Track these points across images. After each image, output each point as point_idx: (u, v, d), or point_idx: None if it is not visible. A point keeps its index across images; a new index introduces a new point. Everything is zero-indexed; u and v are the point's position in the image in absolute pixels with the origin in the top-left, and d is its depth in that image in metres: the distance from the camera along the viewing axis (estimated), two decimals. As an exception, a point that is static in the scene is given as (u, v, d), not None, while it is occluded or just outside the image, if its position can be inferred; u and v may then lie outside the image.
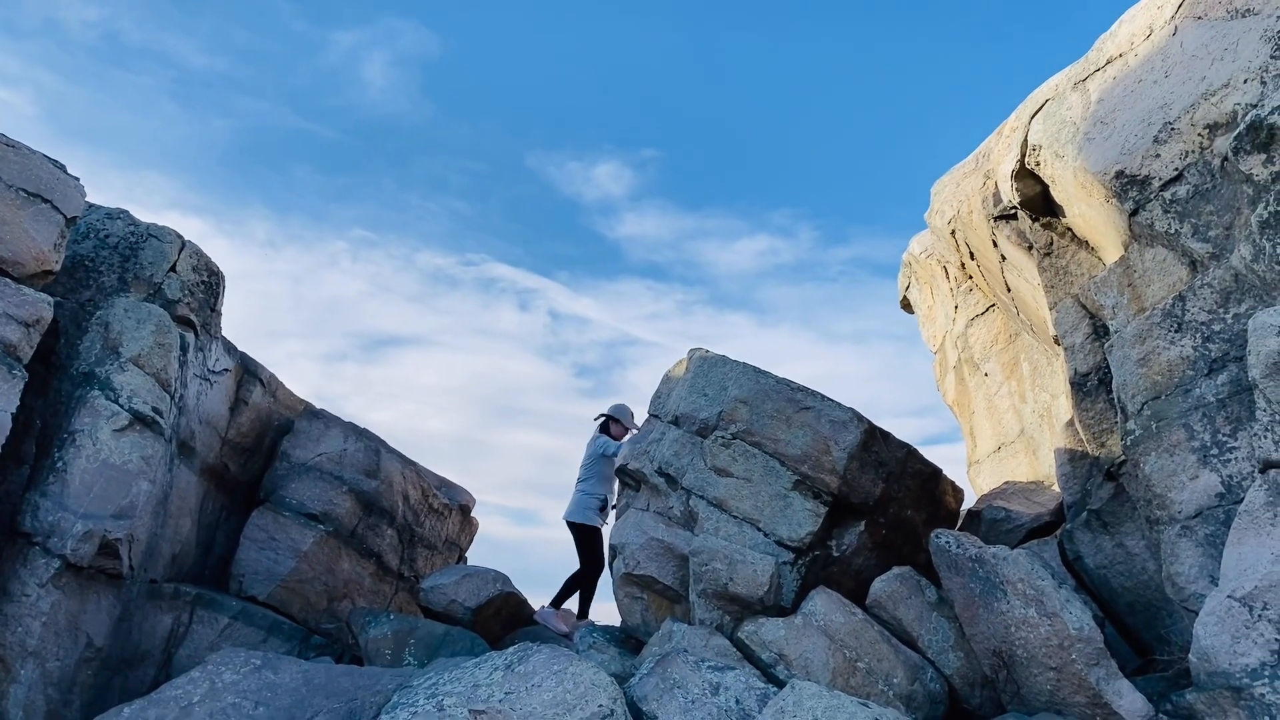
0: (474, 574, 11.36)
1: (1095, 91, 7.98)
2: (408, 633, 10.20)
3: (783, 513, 8.52)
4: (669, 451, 9.28)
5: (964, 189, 10.95)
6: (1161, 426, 7.16)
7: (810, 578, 8.48)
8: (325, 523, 12.08)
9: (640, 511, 9.47)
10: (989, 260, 10.91)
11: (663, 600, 9.06)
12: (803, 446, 8.73)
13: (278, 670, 7.35)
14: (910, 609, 7.91)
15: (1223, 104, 6.69)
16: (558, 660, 5.80)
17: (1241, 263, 6.46)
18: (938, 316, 15.17)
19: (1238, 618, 5.78)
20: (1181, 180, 6.99)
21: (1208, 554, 6.85)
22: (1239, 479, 6.67)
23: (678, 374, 10.20)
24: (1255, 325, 5.98)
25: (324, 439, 12.70)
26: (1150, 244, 7.37)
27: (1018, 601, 6.81)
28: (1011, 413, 12.51)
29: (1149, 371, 7.26)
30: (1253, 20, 6.70)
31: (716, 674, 5.99)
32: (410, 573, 13.45)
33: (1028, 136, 8.59)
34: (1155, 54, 7.48)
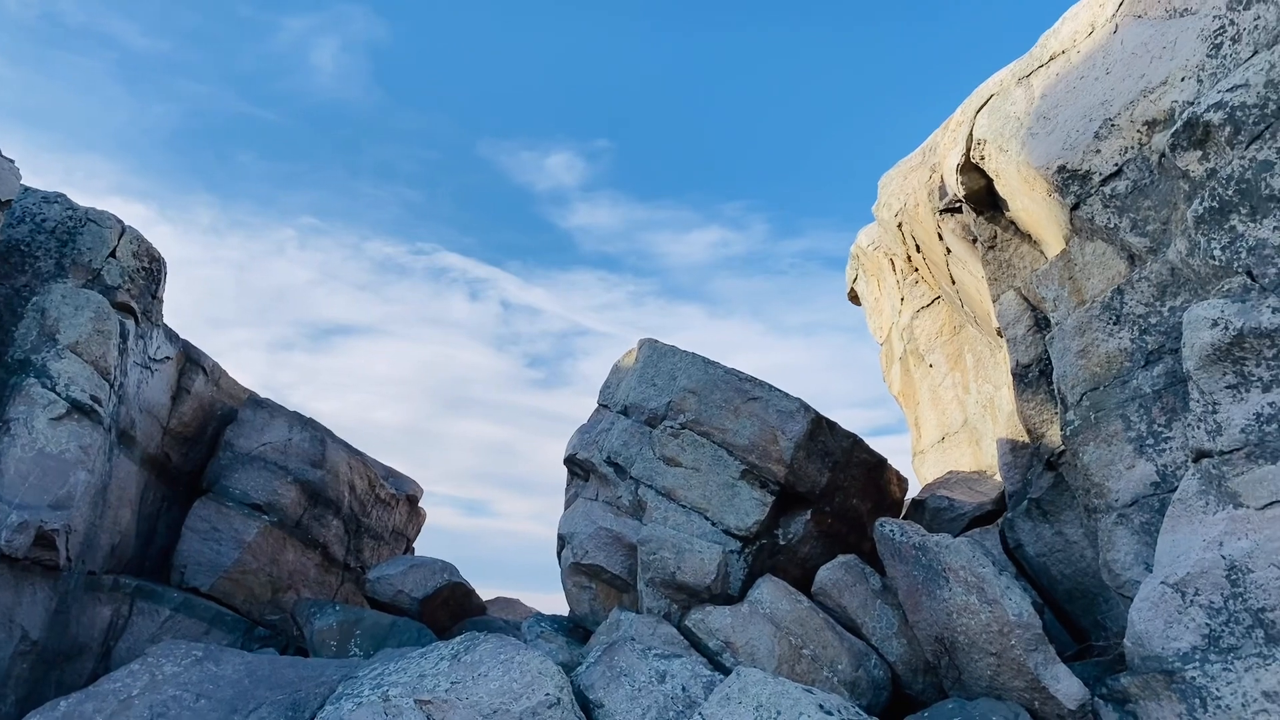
0: (421, 564, 11.31)
1: (1039, 87, 8.11)
2: (354, 623, 10.13)
3: (730, 502, 8.58)
4: (618, 441, 9.29)
5: (911, 182, 11.07)
6: (1100, 417, 7.31)
7: (757, 566, 8.55)
8: (270, 513, 11.94)
9: (589, 501, 9.48)
10: (934, 253, 11.05)
11: (611, 589, 9.08)
12: (750, 436, 8.79)
13: (220, 662, 7.25)
14: (855, 596, 8.01)
15: (1161, 101, 6.84)
16: (504, 650, 5.79)
17: (1178, 257, 6.61)
18: (884, 308, 15.34)
19: (1171, 603, 5.93)
20: (1121, 175, 7.13)
21: (1143, 541, 7.01)
22: (1173, 468, 6.84)
23: (627, 364, 10.21)
24: (1190, 318, 6.13)
25: (268, 428, 12.55)
26: (1090, 238, 7.51)
27: (959, 589, 6.92)
28: (955, 403, 12.70)
29: (1088, 363, 7.41)
30: (1190, 20, 6.84)
31: (663, 662, 6.01)
32: (357, 563, 13.35)
33: (973, 131, 8.70)
34: (1097, 51, 7.62)
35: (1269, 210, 5.80)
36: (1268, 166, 5.79)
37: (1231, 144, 6.01)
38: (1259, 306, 5.78)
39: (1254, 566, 5.61)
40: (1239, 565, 5.67)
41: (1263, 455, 5.76)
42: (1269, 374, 5.78)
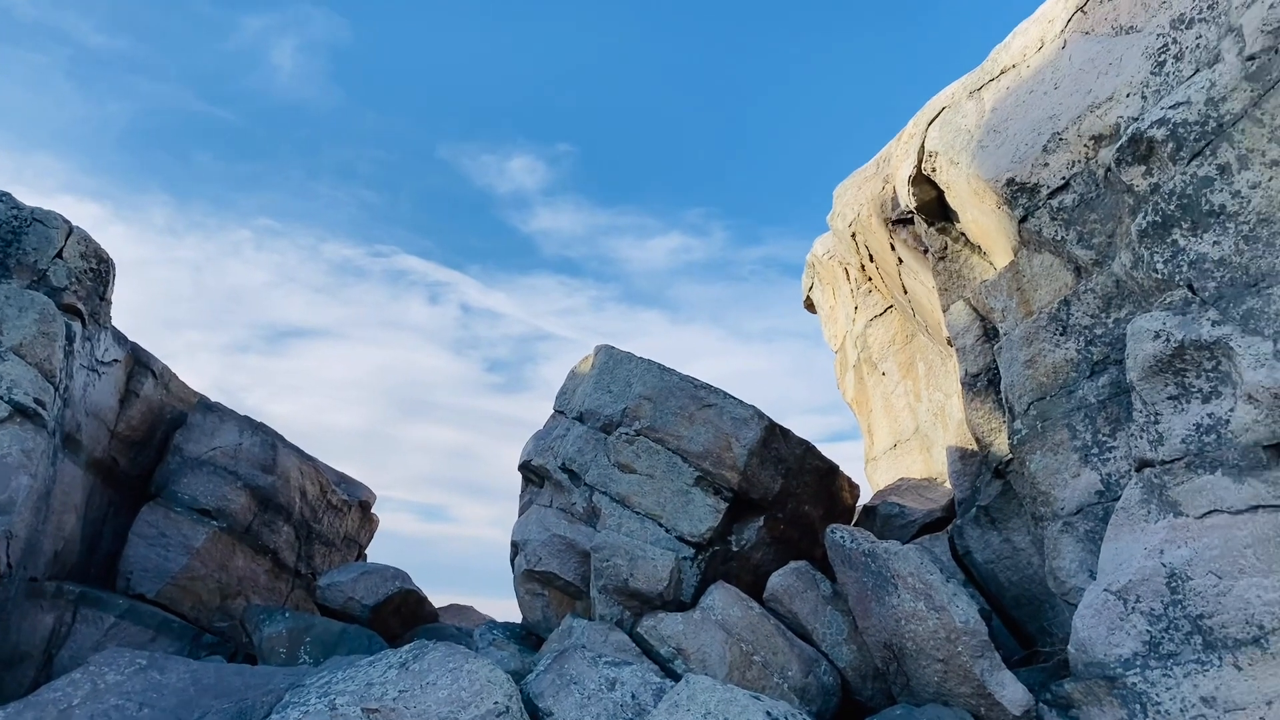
0: (372, 571, 11.21)
1: (989, 100, 8.23)
2: (303, 631, 10.00)
3: (684, 509, 8.60)
4: (573, 448, 9.29)
5: (865, 193, 11.18)
6: (1046, 426, 7.43)
7: (710, 573, 8.58)
8: (219, 519, 11.78)
9: (543, 508, 9.46)
10: (887, 263, 11.16)
11: (564, 596, 9.06)
12: (705, 443, 8.82)
13: (164, 670, 7.13)
14: (806, 603, 8.06)
15: (1107, 116, 6.97)
16: (453, 658, 5.76)
17: (1122, 269, 6.74)
18: (839, 316, 15.48)
19: (1113, 610, 6.03)
20: (1068, 189, 7.25)
21: (1088, 549, 7.13)
22: (1117, 477, 6.96)
23: (584, 370, 10.21)
24: (1133, 330, 6.25)
25: (218, 433, 12.38)
26: (1038, 250, 7.63)
27: (908, 595, 6.99)
28: (907, 411, 12.83)
29: (1035, 373, 7.53)
30: (1136, 37, 6.98)
31: (613, 669, 6.01)
32: (307, 570, 13.20)
33: (925, 143, 8.81)
34: (1046, 66, 7.75)
35: (1209, 225, 5.94)
36: (1208, 183, 5.93)
37: (1174, 160, 6.14)
38: (1199, 319, 5.91)
39: (1193, 574, 5.72)
40: (1179, 573, 5.78)
41: (1202, 465, 5.88)
42: (1208, 385, 5.91)
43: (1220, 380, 5.88)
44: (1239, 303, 5.76)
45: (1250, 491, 5.64)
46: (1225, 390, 5.85)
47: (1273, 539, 5.47)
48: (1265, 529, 5.52)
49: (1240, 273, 5.79)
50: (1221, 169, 5.89)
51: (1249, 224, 5.75)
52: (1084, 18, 7.54)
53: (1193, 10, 6.50)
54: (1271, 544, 5.47)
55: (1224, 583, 5.61)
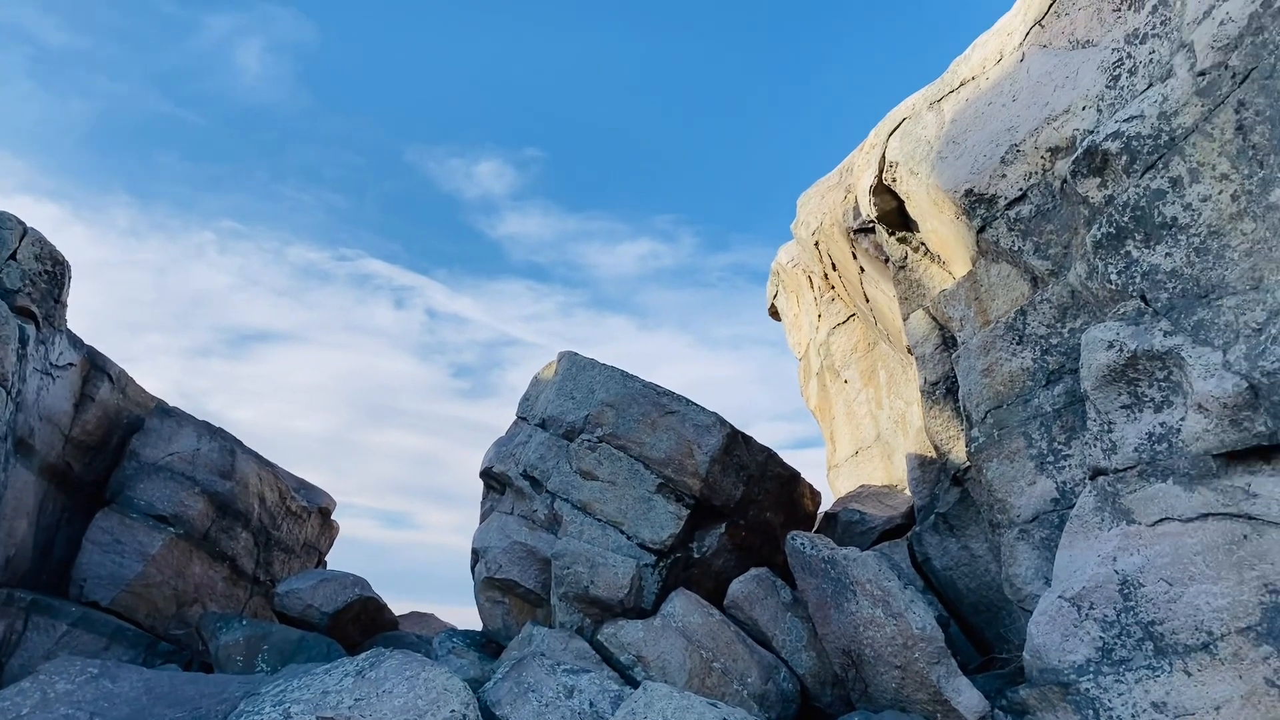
0: (332, 578, 11.11)
1: (949, 112, 8.32)
2: (261, 638, 9.90)
3: (646, 515, 8.60)
4: (535, 454, 9.26)
5: (827, 202, 11.26)
6: (1003, 434, 7.51)
7: (671, 579, 8.59)
8: (176, 525, 11.63)
9: (504, 515, 9.42)
10: (849, 271, 11.24)
11: (525, 604, 9.03)
12: (667, 450, 8.83)
13: (116, 679, 7.02)
14: (766, 609, 8.09)
15: (1063, 129, 7.06)
16: (410, 666, 5.72)
17: (1077, 280, 6.83)
18: (803, 324, 15.56)
19: (1067, 617, 6.10)
20: (1025, 200, 7.34)
21: (1043, 556, 7.21)
22: (1072, 485, 7.05)
23: (547, 376, 10.19)
24: (1087, 340, 6.33)
25: (176, 438, 12.23)
26: (996, 260, 7.72)
27: (866, 602, 7.04)
28: (869, 418, 12.92)
29: (992, 382, 7.61)
30: (1092, 51, 7.09)
31: (571, 677, 6.00)
32: (266, 577, 13.05)
33: (885, 153, 8.89)
34: (1004, 78, 7.84)
35: (1161, 237, 6.03)
36: (1160, 195, 6.02)
37: (1128, 172, 6.23)
38: (1152, 329, 6.00)
39: (1145, 581, 5.80)
40: (1131, 580, 5.86)
41: (1154, 473, 5.97)
42: (1160, 395, 6.00)
43: (1172, 390, 5.97)
44: (1190, 313, 5.85)
45: (1200, 500, 5.73)
46: (1177, 400, 5.94)
47: (1222, 546, 5.56)
48: (1214, 537, 5.61)
49: (1191, 284, 5.88)
50: (1173, 182, 5.98)
51: (1200, 236, 5.85)
52: (1042, 31, 7.64)
53: (1146, 26, 6.61)
54: (1220, 551, 5.56)
55: (1174, 589, 5.69)
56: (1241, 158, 5.64)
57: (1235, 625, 5.45)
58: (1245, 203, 5.63)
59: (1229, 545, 5.54)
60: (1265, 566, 5.41)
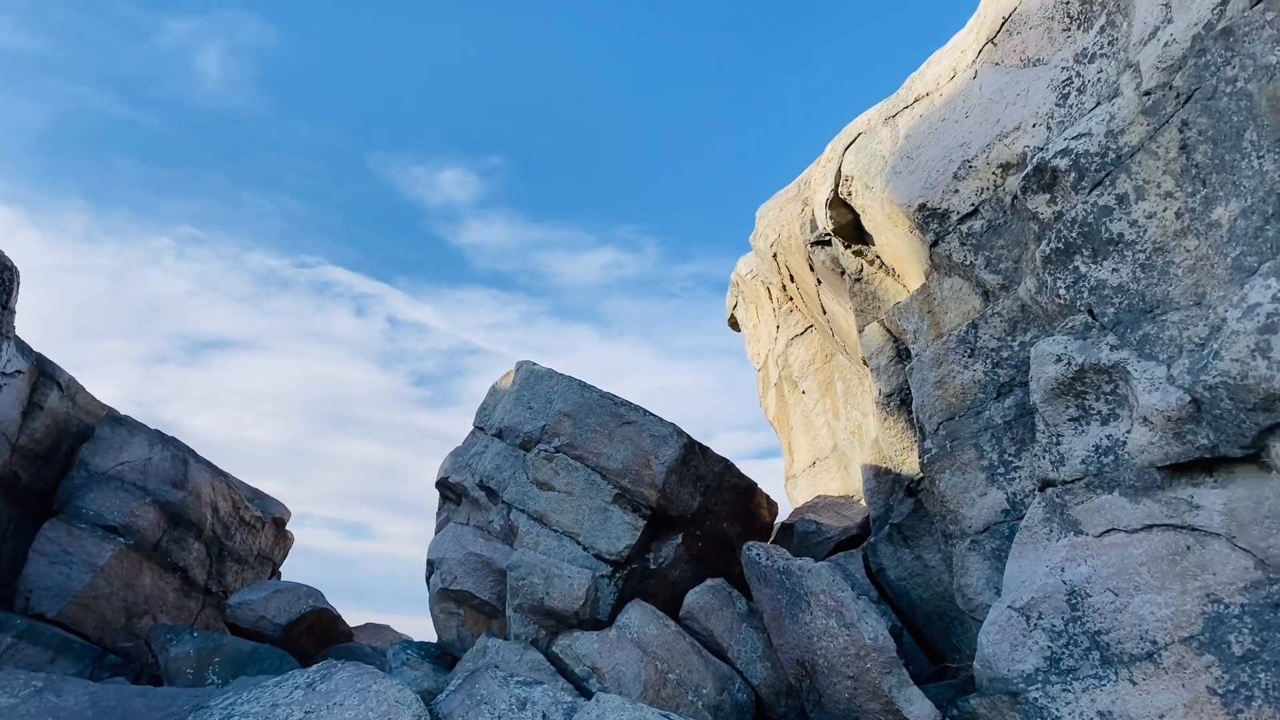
0: (285, 589, 10.99)
1: (904, 127, 8.42)
2: (212, 651, 9.77)
3: (602, 526, 8.60)
4: (491, 465, 9.23)
5: (786, 214, 11.35)
6: (955, 446, 7.60)
7: (628, 590, 8.58)
8: (126, 535, 11.45)
9: (460, 526, 9.38)
10: (807, 283, 11.33)
11: (480, 615, 8.98)
12: (624, 460, 8.84)
13: (61, 693, 6.88)
14: (721, 620, 8.11)
15: (1014, 145, 7.18)
16: (361, 678, 5.67)
17: (1027, 294, 6.94)
18: (761, 335, 15.65)
19: (1016, 627, 6.18)
20: (977, 215, 7.45)
21: (994, 567, 7.30)
22: (1022, 496, 7.14)
23: (504, 386, 10.16)
24: (1036, 353, 6.43)
25: (127, 447, 12.05)
26: (948, 273, 7.82)
27: (820, 612, 7.08)
28: (826, 429, 13.01)
29: (944, 394, 7.70)
30: (1042, 69, 7.21)
31: (525, 689, 5.97)
32: (218, 588, 12.89)
33: (841, 167, 8.98)
34: (958, 95, 7.96)
35: (1108, 253, 6.14)
36: (1107, 212, 6.13)
37: (1076, 189, 6.34)
38: (1099, 344, 6.10)
39: (1092, 591, 5.89)
40: (1079, 590, 5.95)
41: (1100, 485, 6.07)
42: (1106, 408, 6.11)
43: (1118, 403, 6.08)
44: (1136, 328, 5.96)
45: (1145, 511, 5.83)
46: (1123, 413, 6.05)
47: (1165, 557, 5.66)
48: (1159, 547, 5.71)
49: (1137, 299, 5.99)
50: (1120, 199, 6.10)
51: (1145, 252, 5.97)
52: (994, 49, 7.76)
53: (1095, 46, 6.74)
54: (1164, 561, 5.66)
55: (1120, 599, 5.78)
56: (1185, 176, 5.76)
57: (1178, 635, 5.54)
58: (1189, 220, 5.75)
59: (1172, 556, 5.64)
60: (1207, 577, 5.51)
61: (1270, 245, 5.19)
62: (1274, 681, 5.24)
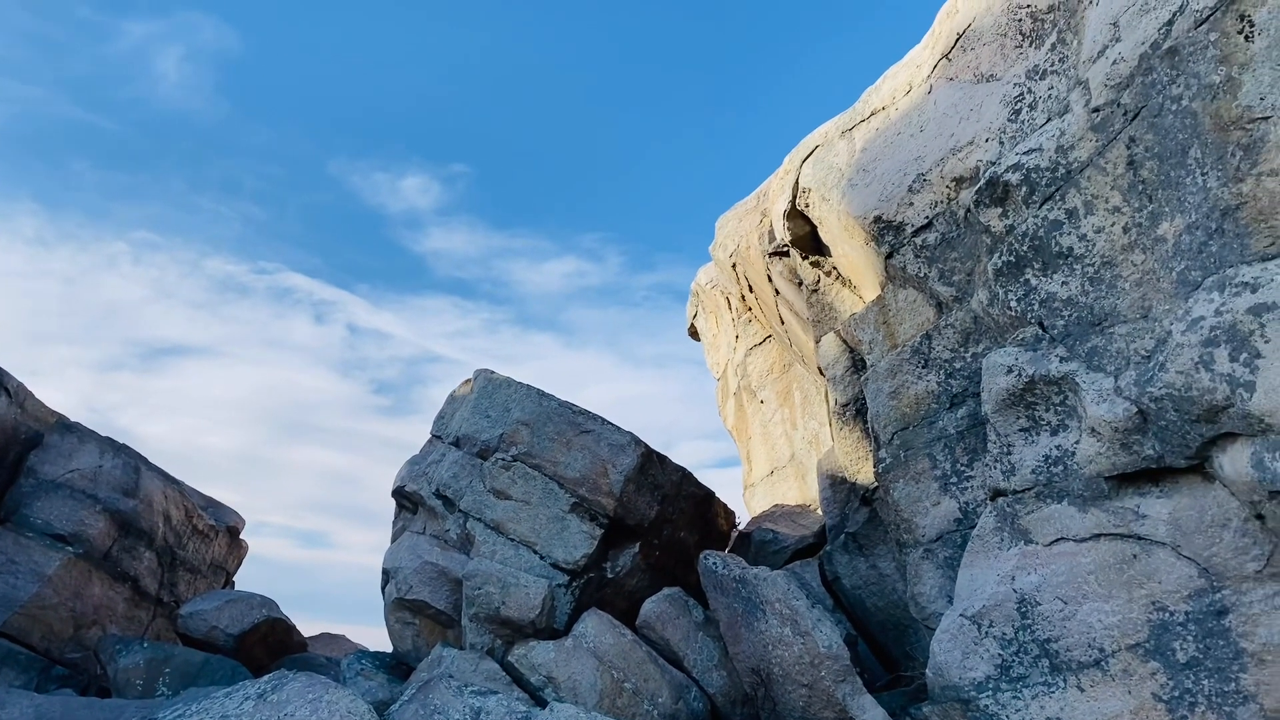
0: (239, 599, 10.85)
1: (860, 140, 8.51)
2: (162, 661, 9.62)
3: (559, 535, 8.58)
4: (448, 473, 9.18)
5: (745, 225, 11.42)
6: (909, 455, 7.68)
7: (585, 599, 8.57)
8: (75, 544, 11.25)
9: (416, 535, 9.32)
10: (765, 293, 11.40)
11: (436, 625, 8.93)
12: (582, 469, 8.84)
13: (4, 705, 6.76)
14: (678, 629, 8.12)
15: (968, 160, 7.29)
16: (314, 688, 5.61)
17: (979, 306, 7.04)
18: (721, 345, 15.72)
19: (968, 635, 6.25)
20: (931, 228, 7.55)
21: (947, 575, 7.38)
22: (974, 505, 7.23)
23: (462, 394, 10.12)
24: (988, 364, 6.52)
25: (77, 454, 11.85)
26: (903, 285, 7.91)
27: (775, 621, 7.12)
28: (784, 439, 13.08)
29: (899, 404, 7.78)
30: (995, 85, 7.33)
31: (479, 699, 5.95)
32: (170, 598, 12.69)
33: (799, 179, 9.05)
34: (913, 109, 8.06)
35: (1058, 266, 6.25)
36: (1057, 226, 6.24)
37: (1027, 203, 6.44)
38: (1049, 355, 6.20)
39: (1041, 599, 5.98)
40: (1029, 598, 6.03)
41: (1050, 495, 6.16)
42: (1056, 419, 6.20)
43: (1067, 414, 6.18)
44: (1084, 340, 6.07)
45: (1093, 520, 5.93)
46: (1072, 423, 6.15)
47: (1113, 565, 5.75)
48: (1106, 556, 5.80)
49: (1086, 312, 6.10)
50: (1069, 213, 6.20)
51: (1094, 266, 6.07)
52: (949, 65, 7.87)
53: (1046, 63, 6.86)
54: (1112, 570, 5.75)
55: (1069, 607, 5.87)
56: (1132, 191, 5.88)
57: (1125, 642, 5.64)
58: (1135, 235, 5.86)
59: (1119, 564, 5.74)
60: (1153, 585, 5.61)
61: (1213, 260, 5.31)
62: (1217, 688, 5.35)
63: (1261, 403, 4.88)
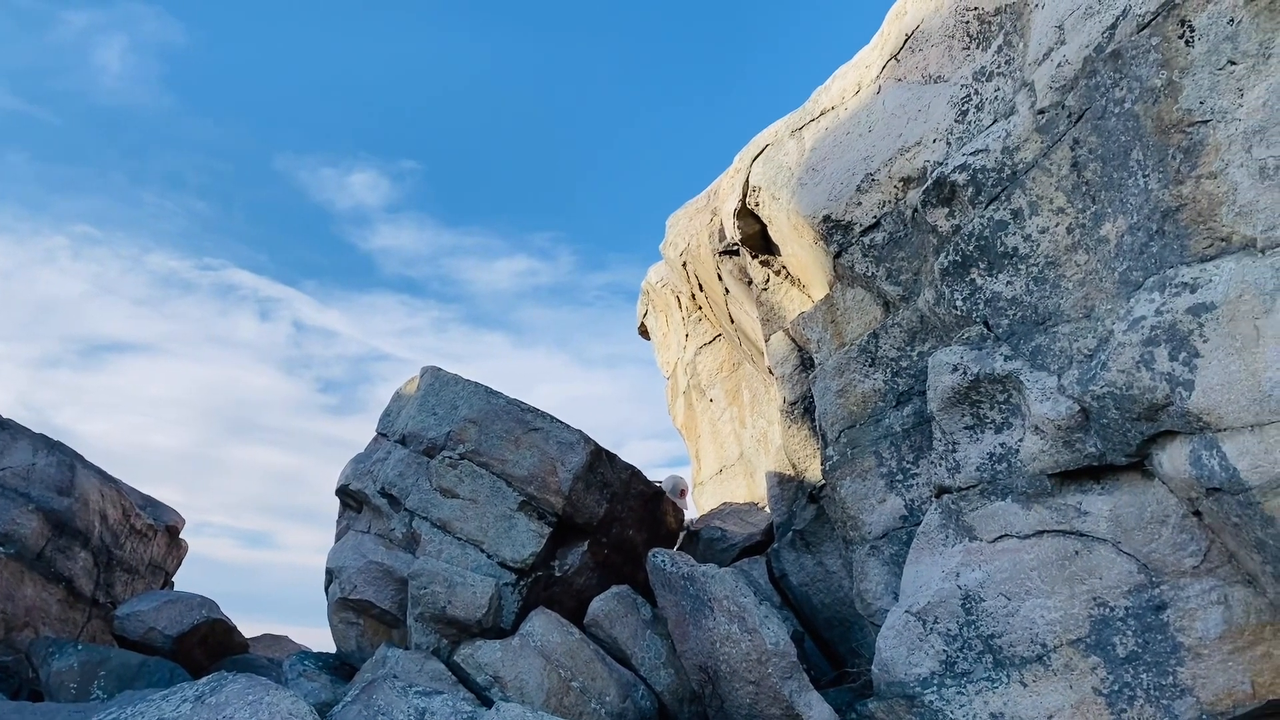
0: (177, 600, 10.63)
1: (810, 140, 8.55)
2: (98, 664, 9.38)
3: (507, 534, 8.51)
4: (393, 472, 9.06)
5: (695, 223, 11.42)
6: (856, 453, 7.72)
7: (532, 598, 8.51)
8: (6, 544, 10.94)
9: (360, 534, 9.19)
10: (715, 292, 11.42)
11: (380, 625, 8.81)
12: (530, 467, 8.77)
13: (-70, 712, 6.54)
14: (626, 627, 8.09)
15: (915, 160, 7.34)
16: (254, 690, 5.49)
17: (926, 305, 7.09)
18: (671, 343, 15.72)
19: (913, 631, 6.29)
20: (879, 227, 7.59)
21: (892, 572, 7.43)
22: (920, 503, 7.29)
23: (409, 392, 10.00)
24: (933, 363, 6.58)
25: (9, 452, 11.53)
26: (851, 284, 7.95)
27: (723, 618, 7.11)
28: (733, 437, 13.12)
29: (846, 402, 7.82)
30: (943, 87, 7.39)
31: (423, 699, 5.86)
32: (106, 599, 12.39)
33: (749, 178, 9.07)
34: (862, 110, 8.11)
35: (1003, 266, 6.31)
36: (1003, 226, 6.31)
37: (973, 203, 6.51)
38: (993, 354, 6.27)
39: (985, 595, 6.04)
40: (973, 594, 6.09)
41: (994, 492, 6.23)
42: (1000, 417, 6.27)
43: (1011, 412, 6.25)
44: (1029, 339, 6.14)
45: (1036, 517, 6.00)
46: (1016, 421, 6.22)
47: (1055, 562, 5.83)
48: (1049, 552, 5.88)
49: (1030, 311, 6.17)
50: (1015, 214, 6.27)
51: (1038, 266, 6.15)
52: (897, 65, 7.93)
53: (992, 65, 6.93)
54: (1054, 566, 5.83)
55: (1012, 603, 5.94)
56: (1076, 193, 5.95)
57: (1067, 637, 5.71)
58: (1079, 235, 5.94)
59: (1061, 561, 5.81)
60: (1094, 581, 5.70)
61: (1154, 260, 5.39)
62: (1155, 681, 5.44)
63: (1200, 401, 4.97)
